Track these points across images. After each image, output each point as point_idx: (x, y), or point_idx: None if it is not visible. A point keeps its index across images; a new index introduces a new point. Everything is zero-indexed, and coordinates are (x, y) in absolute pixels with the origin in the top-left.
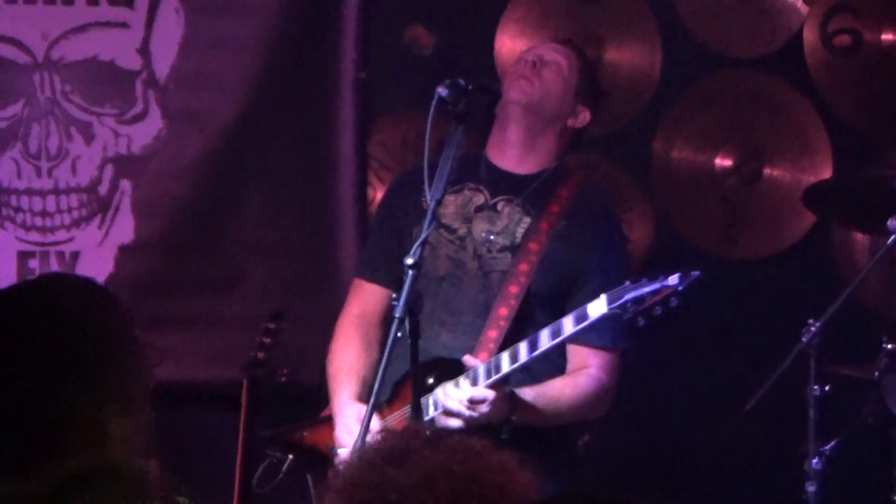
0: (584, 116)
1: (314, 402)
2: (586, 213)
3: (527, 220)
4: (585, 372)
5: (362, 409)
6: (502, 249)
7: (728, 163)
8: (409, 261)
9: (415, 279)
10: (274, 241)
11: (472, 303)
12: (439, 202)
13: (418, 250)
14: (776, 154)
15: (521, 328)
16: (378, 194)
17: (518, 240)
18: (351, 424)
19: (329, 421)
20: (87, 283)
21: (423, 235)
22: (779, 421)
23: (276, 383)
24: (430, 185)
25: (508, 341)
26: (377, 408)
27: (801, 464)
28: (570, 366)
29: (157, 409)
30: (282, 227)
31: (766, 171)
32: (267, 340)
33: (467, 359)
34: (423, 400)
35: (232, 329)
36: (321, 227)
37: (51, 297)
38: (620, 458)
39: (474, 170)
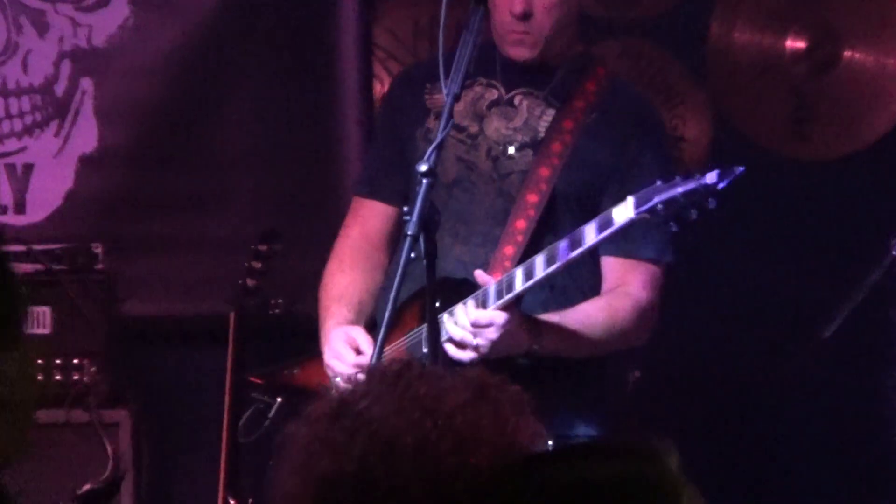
0: None
1: (312, 337)
2: (619, 107)
3: (550, 111)
4: (623, 291)
5: (350, 329)
6: (522, 147)
7: (799, 46)
8: (423, 167)
9: (429, 189)
10: (264, 151)
11: (487, 210)
12: (457, 97)
13: (433, 155)
14: (855, 35)
15: (541, 243)
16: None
17: (541, 134)
18: (339, 348)
19: (321, 357)
20: None
21: (439, 137)
22: (861, 347)
23: (268, 316)
24: (445, 77)
25: (527, 258)
26: (372, 335)
27: (889, 396)
28: (605, 284)
29: (133, 348)
30: (273, 133)
31: (845, 55)
32: (257, 266)
33: (479, 274)
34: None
35: (216, 255)
36: (320, 133)
37: None
38: (674, 395)
39: (486, 62)
